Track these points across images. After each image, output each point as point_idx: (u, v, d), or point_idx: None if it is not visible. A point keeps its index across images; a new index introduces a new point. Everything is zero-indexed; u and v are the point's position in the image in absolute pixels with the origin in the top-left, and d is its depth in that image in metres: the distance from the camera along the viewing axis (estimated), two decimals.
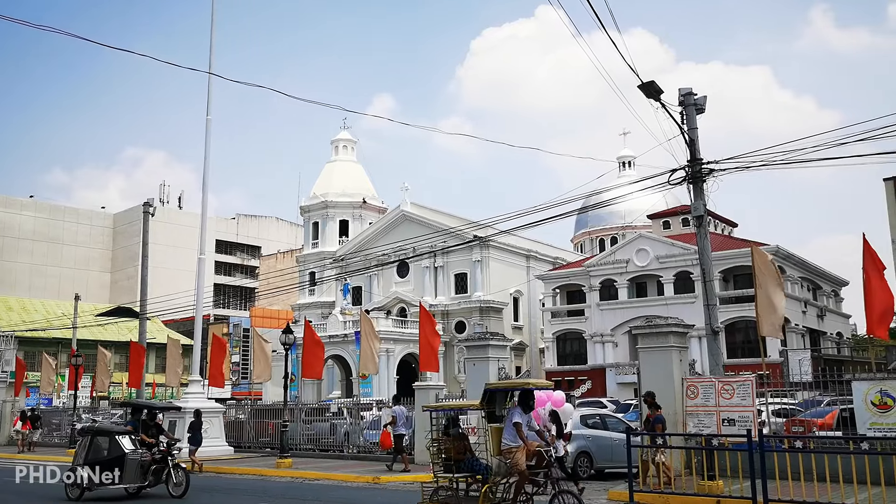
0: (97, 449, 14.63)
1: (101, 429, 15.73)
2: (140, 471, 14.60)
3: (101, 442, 14.70)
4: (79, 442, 15.22)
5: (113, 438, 14.66)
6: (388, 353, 48.40)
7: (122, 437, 14.79)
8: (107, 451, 14.52)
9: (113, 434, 14.90)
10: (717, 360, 16.81)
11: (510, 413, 11.06)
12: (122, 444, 14.57)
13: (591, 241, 68.05)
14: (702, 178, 17.02)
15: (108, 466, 14.32)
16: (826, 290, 53.42)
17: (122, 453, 14.44)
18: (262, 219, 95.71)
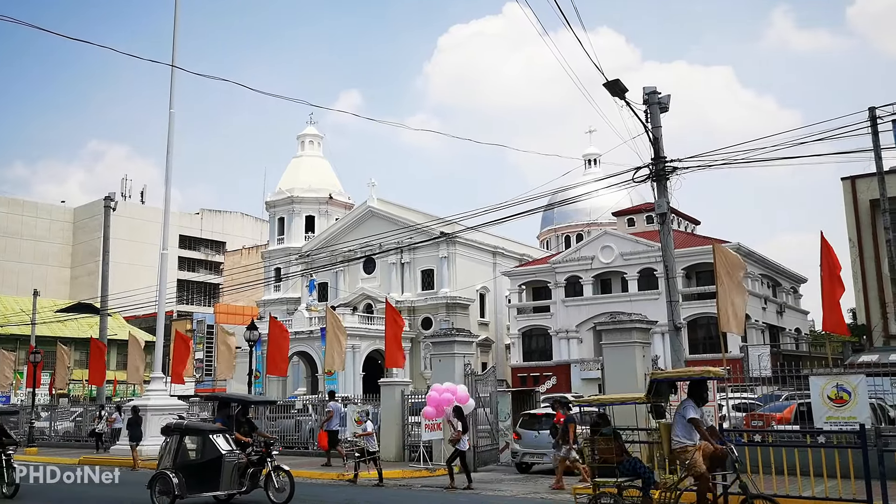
0: (187, 450, 12.87)
1: (191, 427, 13.56)
2: (237, 475, 12.75)
3: (191, 442, 12.91)
4: (164, 442, 13.25)
5: (206, 438, 12.76)
6: (354, 349, 48.21)
7: (217, 436, 12.81)
8: (200, 452, 12.73)
9: (206, 433, 12.93)
10: (679, 355, 17.07)
11: (683, 407, 9.79)
12: (218, 444, 12.65)
13: (557, 238, 68.48)
14: (665, 176, 17.23)
15: (202, 471, 12.48)
16: (785, 286, 54.46)
17: (219, 455, 12.50)
18: (227, 214, 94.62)
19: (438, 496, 15.34)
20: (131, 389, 46.11)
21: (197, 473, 12.41)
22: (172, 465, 12.56)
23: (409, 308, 55.29)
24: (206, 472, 12.36)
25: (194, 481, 12.35)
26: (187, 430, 13.22)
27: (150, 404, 25.10)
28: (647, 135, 17.33)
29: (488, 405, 20.59)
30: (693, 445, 9.39)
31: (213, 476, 12.34)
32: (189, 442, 12.90)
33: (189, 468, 12.50)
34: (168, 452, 12.91)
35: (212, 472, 12.37)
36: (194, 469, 12.50)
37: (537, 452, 18.25)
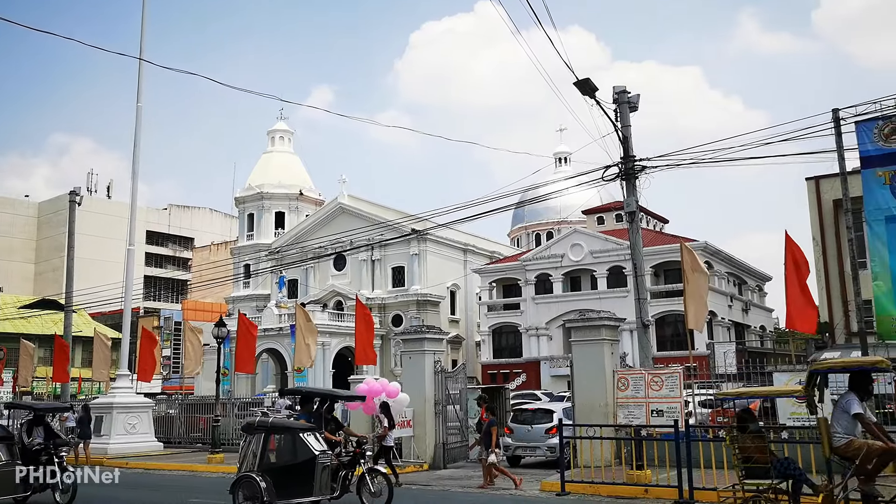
0: (276, 451, 11.57)
1: (278, 425, 11.86)
2: (328, 479, 11.46)
3: (279, 442, 11.60)
4: (244, 442, 11.85)
5: (296, 437, 11.36)
6: (323, 346, 47.98)
7: (308, 435, 11.39)
8: (289, 453, 11.39)
9: (296, 432, 11.48)
10: (647, 352, 17.28)
11: (845, 401, 8.93)
12: (310, 444, 11.24)
13: (528, 236, 68.80)
14: (634, 174, 17.42)
15: (292, 474, 11.15)
16: (751, 284, 55.31)
17: (311, 456, 11.08)
18: (196, 209, 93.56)
19: (407, 493, 15.34)
20: (96, 387, 45.48)
21: (286, 477, 11.09)
22: (257, 467, 11.18)
23: (380, 305, 55.19)
24: (297, 476, 11.06)
25: (283, 486, 10.99)
26: (274, 428, 11.59)
27: (117, 402, 24.80)
28: (616, 134, 17.50)
29: (458, 402, 20.64)
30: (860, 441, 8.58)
31: (304, 480, 11.01)
32: (278, 441, 11.55)
33: (277, 471, 11.17)
34: (252, 453, 11.44)
35: (303, 475, 11.03)
36: (283, 472, 11.17)
37: (529, 446, 18.63)
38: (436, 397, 19.77)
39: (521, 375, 47.83)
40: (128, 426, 24.74)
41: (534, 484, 15.21)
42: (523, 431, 18.91)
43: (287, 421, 12.29)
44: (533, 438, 18.42)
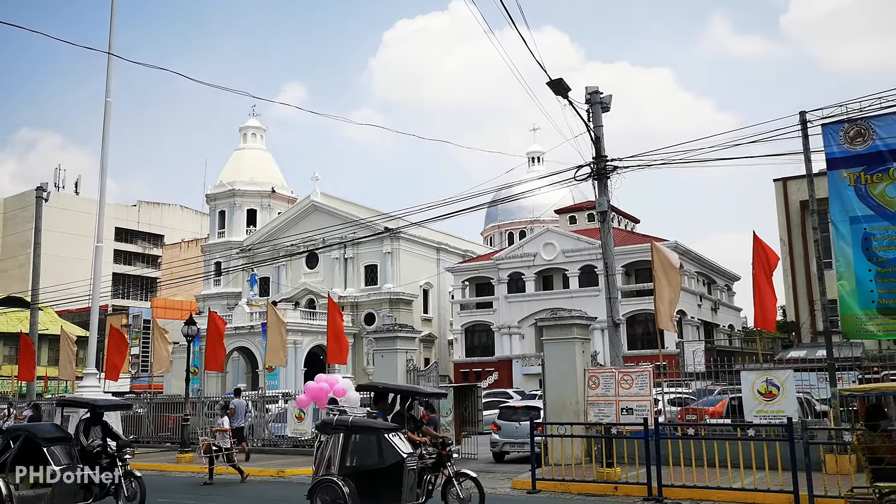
0: (358, 452, 10.41)
1: (360, 424, 10.74)
2: (414, 483, 10.47)
3: (362, 443, 10.47)
4: (319, 443, 10.82)
5: (381, 438, 10.25)
6: (295, 344, 47.73)
7: (393, 435, 10.41)
8: (375, 455, 10.25)
9: (380, 432, 10.39)
10: (618, 351, 17.44)
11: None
12: (398, 446, 10.24)
13: (501, 235, 69.02)
14: (606, 174, 17.56)
15: (377, 478, 10.12)
16: (720, 284, 56.03)
17: (400, 459, 10.06)
18: (166, 206, 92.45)
19: None
20: (63, 386, 44.81)
21: (370, 482, 10.07)
22: (339, 470, 10.20)
23: (353, 303, 55.03)
24: (383, 481, 10.07)
25: (367, 491, 10.03)
26: (355, 427, 10.54)
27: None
28: (588, 134, 17.63)
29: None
30: None
31: (390, 485, 10.04)
32: (360, 442, 10.47)
33: (360, 475, 10.14)
34: (330, 456, 10.46)
35: (390, 480, 10.05)
36: (367, 476, 10.13)
37: (517, 442, 18.82)
38: None
39: (494, 374, 47.97)
40: None
41: (505, 482, 15.28)
42: (511, 428, 19.11)
43: (369, 420, 11.19)
44: (521, 435, 18.55)
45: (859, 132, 15.02)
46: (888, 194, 14.79)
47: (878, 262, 14.88)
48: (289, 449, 21.85)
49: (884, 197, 14.81)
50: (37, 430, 11.68)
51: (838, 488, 11.51)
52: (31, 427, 12.29)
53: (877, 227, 14.89)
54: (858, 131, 15.04)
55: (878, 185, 14.91)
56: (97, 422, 12.54)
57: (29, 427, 12.37)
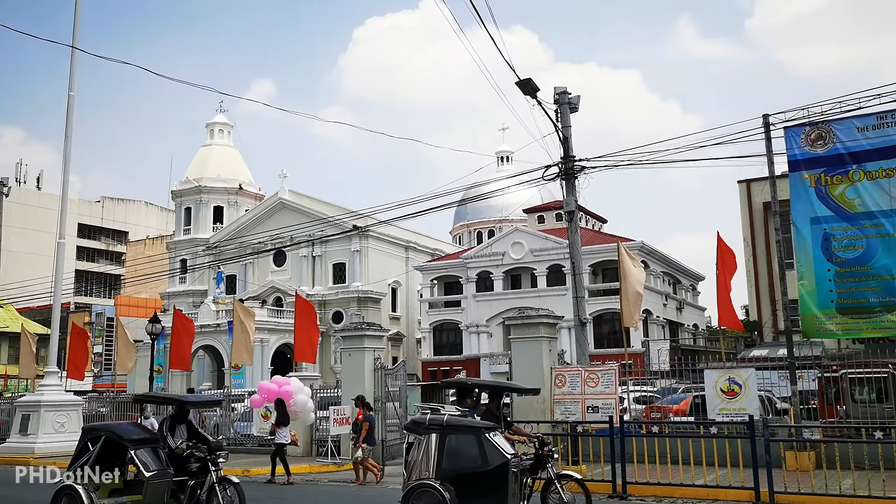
0: (457, 454, 9.41)
1: (456, 423, 9.73)
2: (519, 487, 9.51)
3: (460, 444, 9.46)
4: (410, 444, 9.94)
5: (482, 438, 9.31)
6: (262, 343, 47.36)
7: (495, 435, 9.47)
8: (478, 457, 9.28)
9: (481, 432, 9.42)
10: (584, 350, 17.60)
11: None
12: (501, 447, 9.31)
13: (470, 234, 69.16)
14: (574, 174, 17.71)
15: (481, 482, 9.18)
16: (685, 284, 56.77)
17: (504, 461, 9.13)
18: (131, 202, 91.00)
19: (345, 491, 15.30)
20: (23, 384, 43.92)
21: (472, 486, 9.21)
22: (435, 474, 9.30)
23: (320, 302, 54.72)
24: (486, 484, 9.18)
25: (469, 496, 9.19)
26: (452, 427, 9.59)
27: (45, 400, 24.01)
28: (557, 134, 17.76)
29: (398, 399, 20.65)
30: None
31: (495, 489, 9.14)
32: (458, 442, 9.52)
33: (460, 479, 9.22)
34: (424, 458, 9.54)
35: (494, 484, 9.13)
36: (468, 480, 9.23)
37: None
38: (375, 394, 19.75)
39: (462, 372, 47.97)
40: (56, 425, 23.98)
41: None
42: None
43: (467, 419, 10.11)
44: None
45: (820, 135, 15.34)
46: (847, 196, 15.13)
47: (837, 263, 15.22)
48: (255, 448, 21.69)
49: (843, 198, 15.15)
50: (120, 430, 10.49)
51: (797, 484, 11.76)
52: (113, 427, 10.99)
53: (836, 227, 15.22)
54: (819, 134, 15.36)
55: (837, 186, 15.24)
56: (182, 419, 11.04)
57: (110, 426, 11.16)
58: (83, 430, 11.05)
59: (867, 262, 14.95)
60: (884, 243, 14.77)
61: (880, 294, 14.86)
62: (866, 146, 15.01)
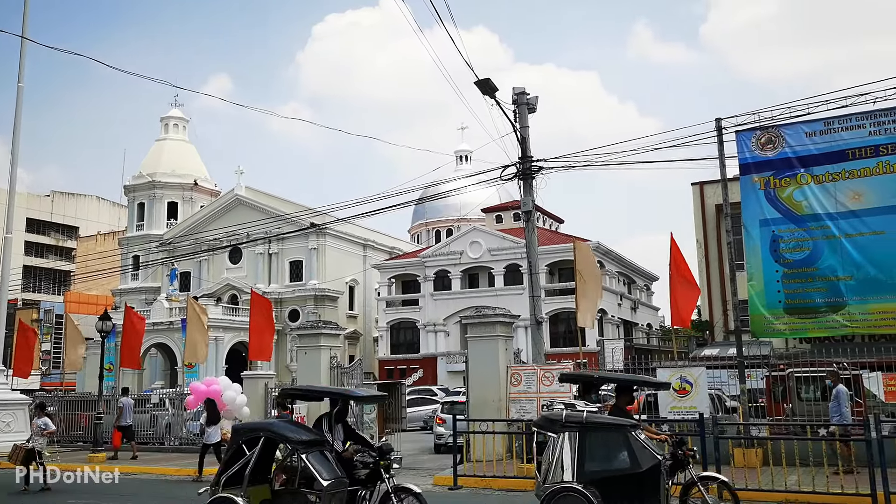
0: (601, 455, 8.64)
1: (598, 421, 9.02)
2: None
3: (604, 443, 8.69)
4: (550, 443, 8.99)
5: (629, 436, 8.56)
6: (216, 341, 46.74)
7: (640, 433, 8.72)
8: (626, 458, 8.45)
9: (626, 429, 8.64)
10: (540, 349, 17.74)
11: None
12: (650, 446, 8.60)
13: (428, 233, 69.18)
14: (531, 175, 17.83)
15: (629, 486, 8.42)
16: (639, 284, 57.62)
17: (657, 462, 8.38)
18: (82, 197, 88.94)
19: None
20: None
21: (620, 489, 8.40)
22: (576, 476, 8.46)
23: (277, 300, 54.18)
24: (636, 487, 8.38)
25: (617, 501, 8.40)
26: (592, 425, 8.78)
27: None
28: (515, 134, 17.86)
29: None
30: None
31: (648, 492, 8.35)
32: (598, 442, 8.71)
33: (606, 482, 8.46)
34: (561, 458, 8.69)
35: (646, 486, 8.34)
36: (616, 483, 8.44)
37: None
38: None
39: (419, 371, 48.12)
40: (2, 424, 23.36)
41: (427, 479, 15.33)
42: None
43: (608, 416, 9.36)
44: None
45: (770, 139, 15.73)
46: (795, 198, 15.55)
47: (784, 264, 15.62)
48: None
49: (791, 201, 15.57)
50: (284, 430, 8.93)
51: (745, 481, 12.03)
52: (273, 425, 9.37)
53: (784, 229, 15.63)
54: (769, 138, 15.75)
55: (786, 189, 15.65)
56: (340, 418, 9.64)
57: (270, 425, 9.55)
58: (235, 430, 9.33)
59: (813, 263, 15.38)
60: (829, 245, 15.22)
61: (826, 294, 15.30)
62: (814, 151, 15.44)
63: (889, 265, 14.89)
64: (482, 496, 13.45)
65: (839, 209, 15.17)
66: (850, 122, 15.23)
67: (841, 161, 15.21)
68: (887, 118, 14.95)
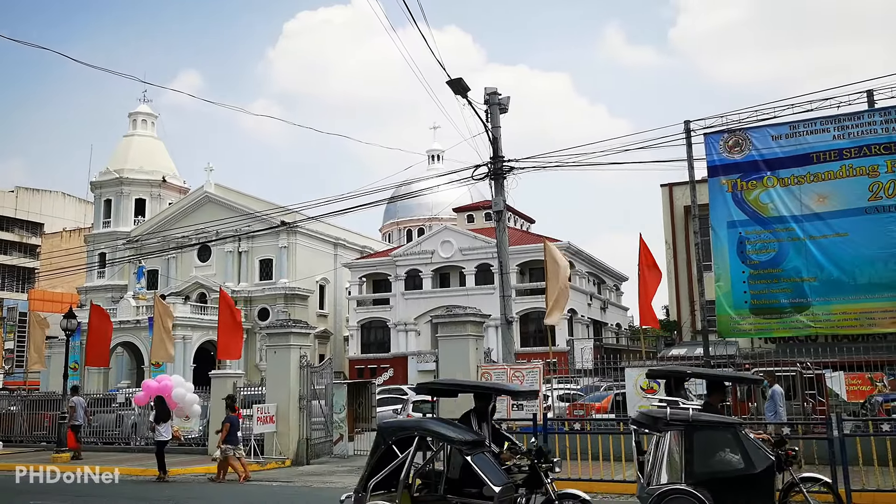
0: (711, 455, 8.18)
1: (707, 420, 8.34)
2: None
3: (714, 442, 8.19)
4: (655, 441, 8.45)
5: (740, 435, 8.06)
6: (184, 339, 46.24)
7: (751, 432, 8.53)
8: (740, 458, 7.98)
9: (736, 428, 8.18)
10: (510, 348, 17.81)
11: None
12: (763, 447, 8.22)
13: (399, 232, 69.04)
14: (503, 175, 17.89)
15: (743, 488, 7.91)
16: (609, 284, 58.07)
17: (771, 463, 7.95)
18: (47, 193, 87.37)
19: (266, 491, 15.09)
20: None
21: (733, 491, 7.91)
22: (686, 478, 7.94)
23: (246, 298, 53.79)
24: (749, 490, 7.89)
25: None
26: (699, 423, 8.15)
27: None
28: (486, 134, 17.91)
29: (323, 397, 20.49)
30: None
31: (762, 494, 7.92)
32: (707, 441, 8.14)
33: (719, 483, 7.92)
34: (667, 458, 8.19)
35: (761, 488, 7.90)
36: (729, 485, 7.93)
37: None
38: (301, 392, 19.56)
39: (389, 370, 48.00)
40: None
41: None
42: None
43: (716, 415, 8.75)
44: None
45: (737, 142, 15.96)
46: (761, 201, 15.81)
47: (751, 265, 15.87)
48: (173, 448, 21.13)
49: (757, 203, 15.82)
50: (442, 430, 8.01)
51: None
52: (429, 425, 8.38)
53: (751, 231, 15.88)
54: (736, 141, 15.98)
55: (752, 191, 15.89)
56: (482, 415, 8.85)
57: (425, 424, 8.51)
58: (383, 429, 8.49)
59: (779, 264, 15.65)
60: (794, 247, 15.49)
61: (791, 295, 15.56)
62: (780, 154, 15.71)
63: (851, 267, 15.19)
64: None
65: (804, 212, 15.44)
66: (814, 126, 15.52)
67: (806, 164, 15.49)
68: (850, 122, 15.25)
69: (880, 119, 15.06)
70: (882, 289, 14.94)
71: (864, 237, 15.05)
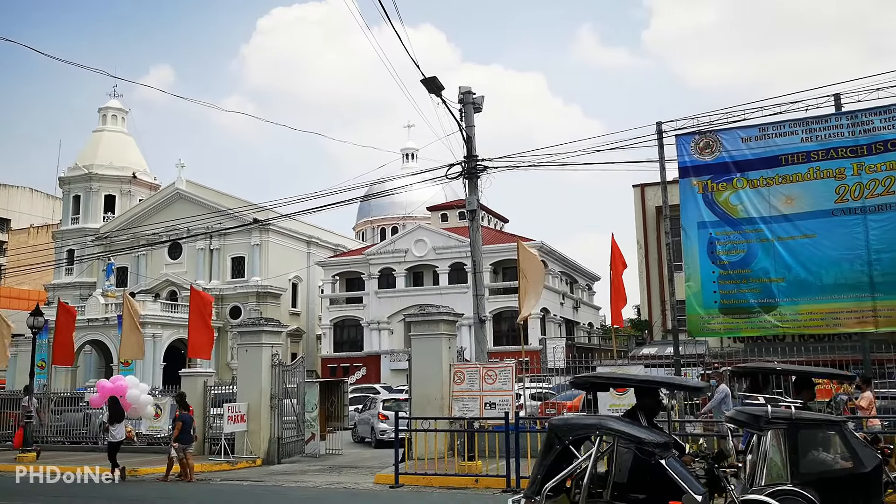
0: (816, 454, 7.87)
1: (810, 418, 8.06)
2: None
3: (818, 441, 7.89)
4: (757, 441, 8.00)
5: (846, 434, 7.77)
6: (154, 338, 45.70)
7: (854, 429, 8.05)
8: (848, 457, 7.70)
9: (842, 426, 7.90)
10: (483, 347, 17.87)
11: None
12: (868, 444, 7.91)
13: (373, 230, 68.85)
14: (476, 174, 17.93)
15: (850, 488, 7.59)
16: (581, 283, 58.46)
17: (879, 462, 7.70)
18: (14, 188, 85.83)
19: (237, 490, 14.98)
20: None
21: (841, 492, 7.56)
22: (791, 478, 7.57)
23: (218, 296, 53.23)
24: (857, 491, 7.59)
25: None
26: (801, 421, 7.77)
27: None
28: (460, 133, 17.93)
29: (295, 396, 20.39)
30: None
31: (870, 495, 7.62)
32: (811, 441, 7.83)
33: (826, 483, 7.61)
34: (772, 457, 7.80)
35: (870, 489, 7.60)
36: (836, 485, 7.62)
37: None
38: (272, 391, 19.45)
39: (362, 369, 47.89)
40: None
41: (368, 477, 15.30)
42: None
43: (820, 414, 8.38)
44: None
45: (708, 144, 16.15)
46: (731, 202, 16.01)
47: (720, 265, 16.07)
48: (143, 447, 20.96)
49: (727, 204, 16.02)
50: (628, 429, 7.12)
51: None
52: (612, 423, 7.37)
53: (720, 232, 16.09)
54: (707, 143, 16.17)
55: (723, 192, 16.09)
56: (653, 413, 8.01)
57: (607, 422, 7.41)
58: (556, 427, 7.55)
59: (748, 265, 15.86)
60: (763, 248, 15.71)
61: (759, 295, 15.79)
62: (749, 156, 15.92)
63: (818, 268, 15.44)
64: (424, 494, 13.48)
65: (772, 213, 15.67)
66: (783, 128, 15.75)
67: (775, 166, 15.72)
68: (818, 125, 15.50)
69: (847, 122, 15.32)
70: (847, 289, 15.20)
71: (830, 239, 15.30)
